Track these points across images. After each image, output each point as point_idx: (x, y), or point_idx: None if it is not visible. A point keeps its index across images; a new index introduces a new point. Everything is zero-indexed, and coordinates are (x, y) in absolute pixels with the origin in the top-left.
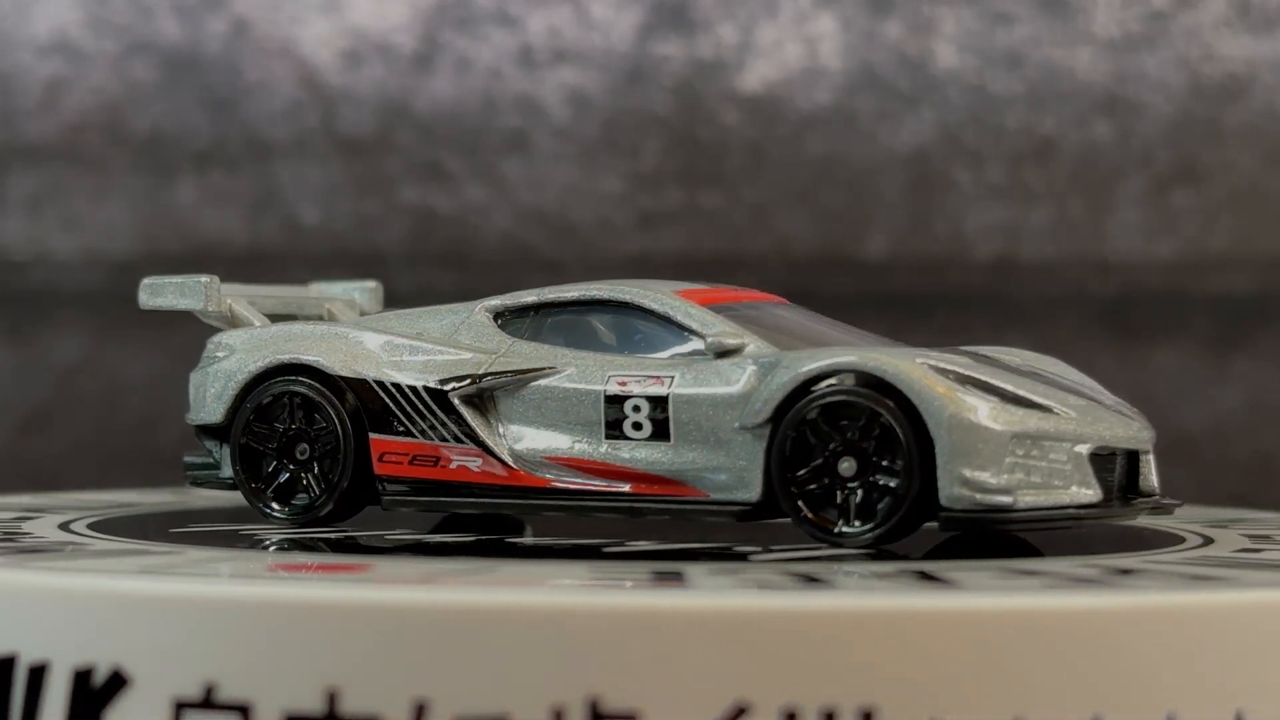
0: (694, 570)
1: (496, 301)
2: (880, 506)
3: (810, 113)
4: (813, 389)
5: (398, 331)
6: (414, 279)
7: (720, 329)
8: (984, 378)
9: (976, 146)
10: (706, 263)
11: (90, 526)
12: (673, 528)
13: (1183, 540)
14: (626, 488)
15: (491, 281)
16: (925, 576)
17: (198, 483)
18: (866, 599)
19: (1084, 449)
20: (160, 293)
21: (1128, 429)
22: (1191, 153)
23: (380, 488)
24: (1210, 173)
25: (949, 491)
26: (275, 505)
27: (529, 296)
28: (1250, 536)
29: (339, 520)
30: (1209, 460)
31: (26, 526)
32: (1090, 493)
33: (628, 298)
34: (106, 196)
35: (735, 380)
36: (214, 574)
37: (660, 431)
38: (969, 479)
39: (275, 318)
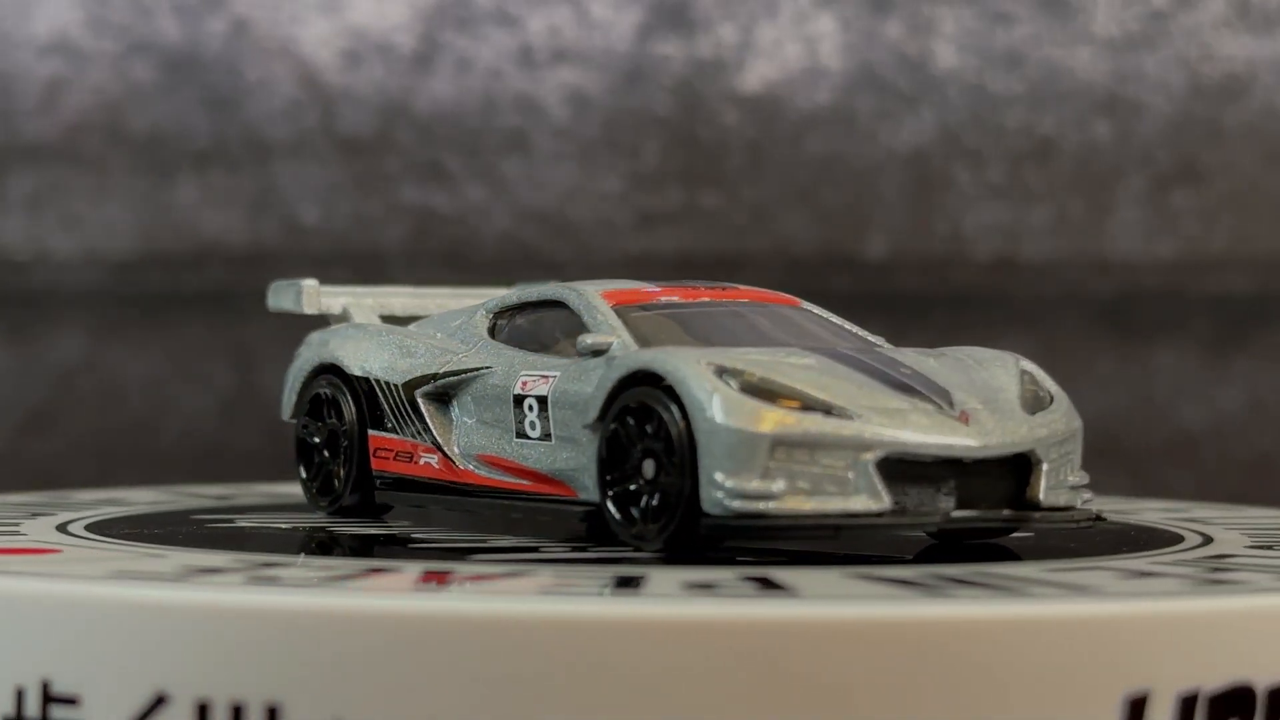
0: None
1: (495, 302)
2: (668, 509)
3: (810, 113)
4: (625, 390)
5: (418, 331)
6: (414, 279)
7: (604, 328)
8: (778, 379)
9: (976, 146)
10: (706, 263)
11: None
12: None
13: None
14: (527, 486)
15: (491, 281)
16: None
17: None
18: (277, 596)
19: (871, 456)
20: (277, 295)
21: (952, 436)
22: (1191, 153)
23: (375, 482)
24: (1210, 173)
25: (705, 495)
26: (319, 496)
27: (512, 297)
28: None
29: (370, 513)
30: (1209, 460)
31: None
32: (873, 502)
33: (560, 297)
34: (106, 196)
35: (589, 381)
36: None
37: (546, 431)
38: (721, 483)
39: None
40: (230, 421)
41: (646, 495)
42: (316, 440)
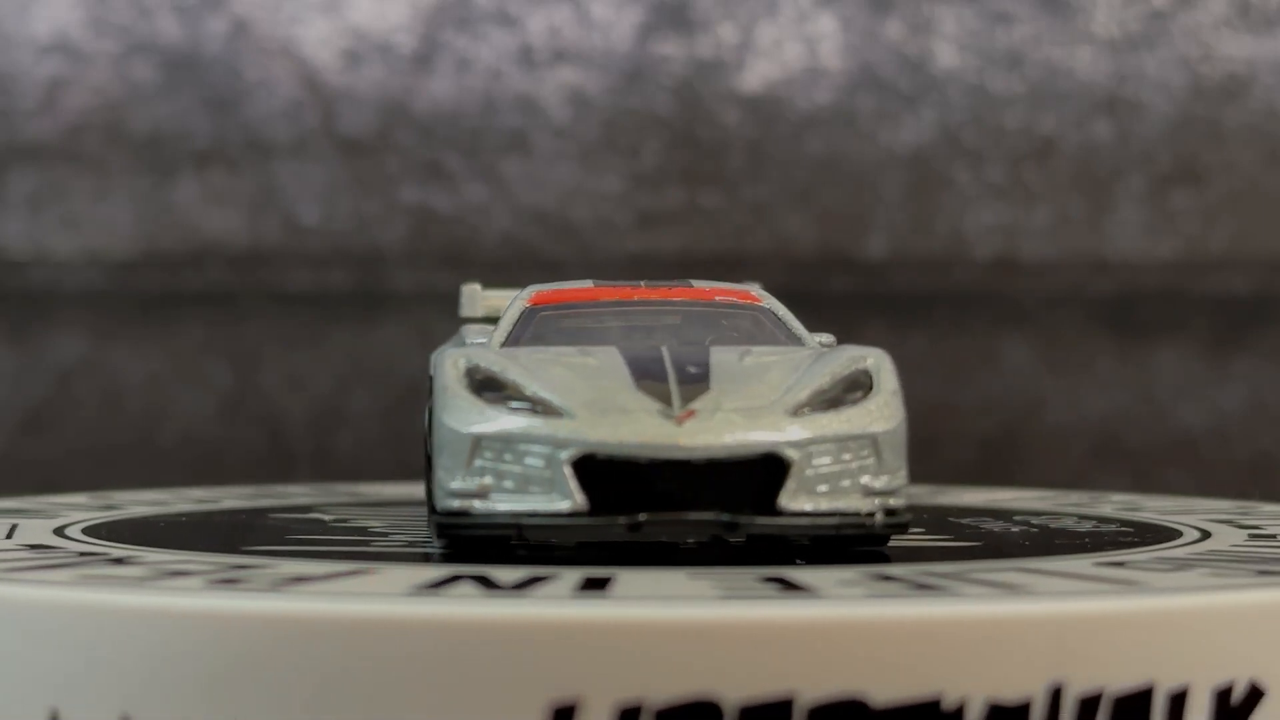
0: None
1: None
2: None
3: (810, 113)
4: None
5: (486, 331)
6: (414, 279)
7: (498, 329)
8: (514, 377)
9: (976, 146)
10: (706, 263)
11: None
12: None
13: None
14: None
15: (491, 281)
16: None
17: None
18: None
19: (566, 455)
20: (460, 300)
21: (654, 437)
22: (1191, 153)
23: None
24: (1210, 173)
25: (435, 492)
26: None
27: None
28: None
29: None
30: (1209, 460)
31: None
32: (566, 502)
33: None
34: (106, 196)
35: None
36: None
37: None
38: (442, 481)
39: None
40: (230, 422)
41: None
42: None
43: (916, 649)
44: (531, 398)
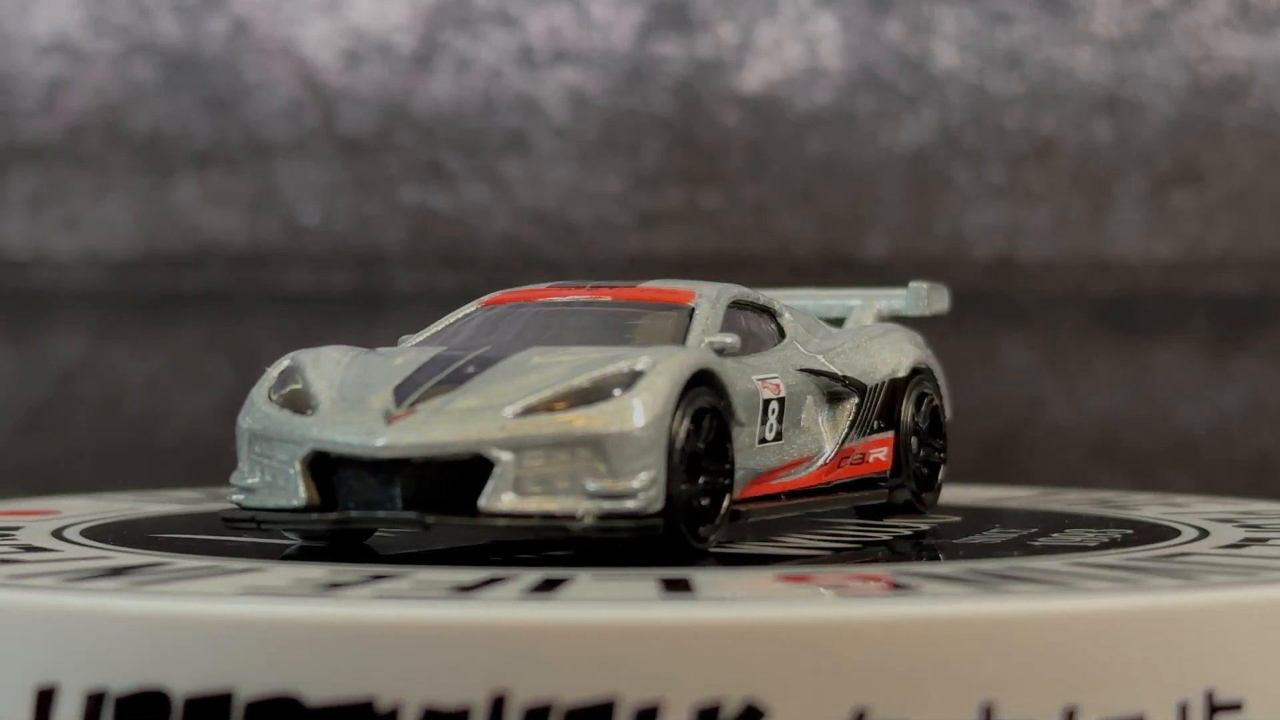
0: None
1: None
2: None
3: (810, 113)
4: None
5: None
6: (414, 279)
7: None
8: (309, 375)
9: (976, 146)
10: (706, 263)
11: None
12: None
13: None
14: None
15: (491, 281)
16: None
17: None
18: None
19: (301, 452)
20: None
21: (363, 436)
22: (1191, 153)
23: None
24: (1210, 173)
25: None
26: None
27: None
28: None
29: None
30: (1209, 460)
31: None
32: (296, 499)
33: None
34: (106, 196)
35: None
36: None
37: None
38: (233, 476)
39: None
40: (230, 422)
41: None
42: None
43: (348, 650)
44: (304, 396)
